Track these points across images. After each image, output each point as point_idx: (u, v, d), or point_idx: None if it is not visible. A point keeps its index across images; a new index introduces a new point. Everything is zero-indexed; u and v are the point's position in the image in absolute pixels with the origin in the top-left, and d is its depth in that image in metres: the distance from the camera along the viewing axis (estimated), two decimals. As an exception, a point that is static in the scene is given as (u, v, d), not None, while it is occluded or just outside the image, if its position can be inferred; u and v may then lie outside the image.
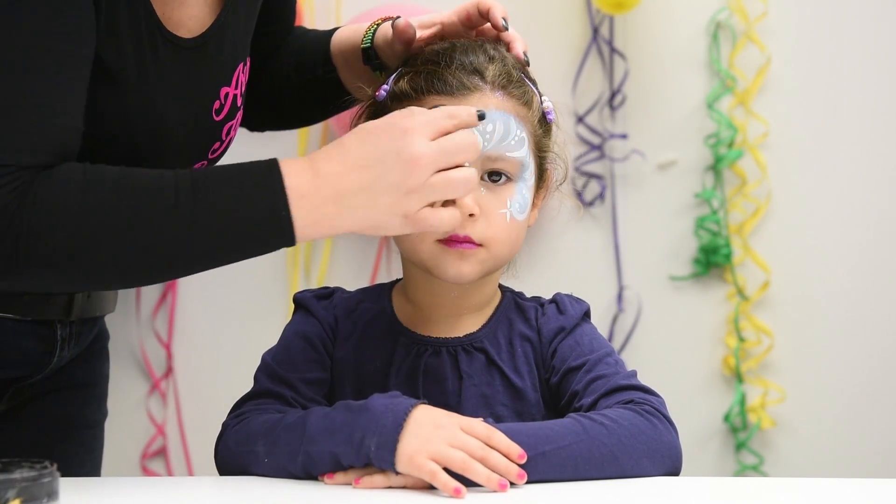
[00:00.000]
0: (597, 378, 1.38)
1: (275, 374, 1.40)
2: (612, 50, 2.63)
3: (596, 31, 2.63)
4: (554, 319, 1.45)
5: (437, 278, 1.40)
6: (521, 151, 1.39)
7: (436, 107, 1.30)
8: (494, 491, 1.19)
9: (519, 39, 1.47)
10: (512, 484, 1.22)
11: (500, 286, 1.51)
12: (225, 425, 1.36)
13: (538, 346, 1.44)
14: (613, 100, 2.64)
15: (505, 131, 1.38)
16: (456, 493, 1.18)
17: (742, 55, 2.62)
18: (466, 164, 1.27)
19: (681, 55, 2.64)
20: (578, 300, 1.49)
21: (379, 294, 1.49)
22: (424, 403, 1.25)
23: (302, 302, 1.49)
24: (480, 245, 1.38)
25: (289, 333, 1.46)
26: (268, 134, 2.68)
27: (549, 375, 1.43)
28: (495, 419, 1.38)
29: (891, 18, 2.63)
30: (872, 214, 2.64)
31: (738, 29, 2.63)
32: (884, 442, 2.64)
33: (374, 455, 1.21)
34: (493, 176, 1.39)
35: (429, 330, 1.44)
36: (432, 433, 1.21)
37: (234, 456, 1.32)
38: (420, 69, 1.42)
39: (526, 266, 1.55)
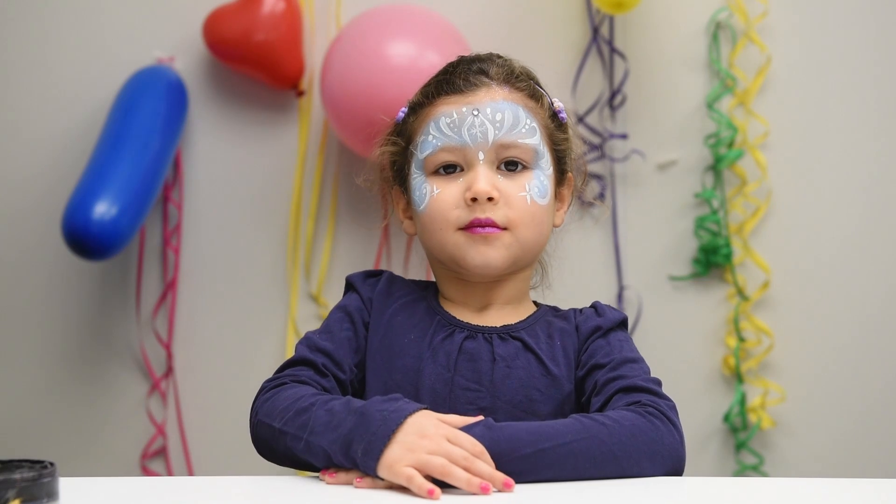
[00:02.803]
0: (617, 377, 1.40)
1: (312, 343, 1.45)
2: (612, 50, 2.63)
3: (596, 31, 2.63)
4: (592, 319, 1.49)
5: (464, 270, 1.44)
6: (533, 139, 1.45)
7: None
8: (476, 494, 1.19)
9: None
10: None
11: (535, 302, 1.55)
12: (262, 388, 1.41)
13: (576, 341, 1.47)
14: (613, 100, 2.64)
15: (514, 119, 1.44)
16: (430, 495, 1.18)
17: (742, 55, 2.62)
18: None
19: (681, 55, 2.64)
20: (616, 309, 1.54)
21: (426, 286, 1.55)
22: (424, 409, 1.26)
23: (350, 281, 1.55)
24: (504, 229, 1.43)
25: (332, 310, 1.52)
26: (265, 133, 2.69)
27: (577, 370, 1.45)
28: (529, 403, 1.41)
29: (891, 18, 2.63)
30: (872, 214, 2.64)
31: (738, 29, 2.63)
32: (884, 442, 2.63)
33: (359, 461, 1.24)
34: (510, 165, 1.44)
35: (466, 318, 1.49)
36: (416, 443, 1.22)
37: (260, 426, 1.36)
38: (431, 81, 1.51)
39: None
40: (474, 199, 1.41)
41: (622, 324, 1.51)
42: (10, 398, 2.74)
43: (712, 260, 2.61)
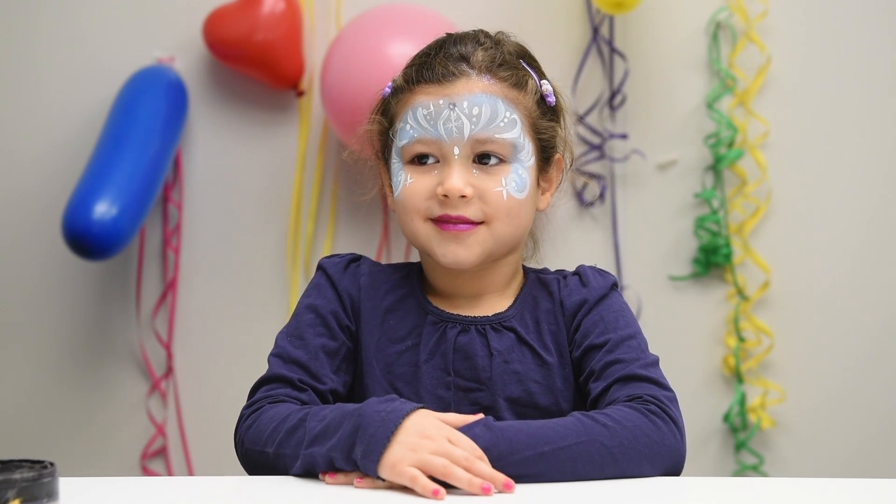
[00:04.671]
0: (615, 362, 1.39)
1: (285, 354, 1.42)
2: (612, 50, 2.63)
3: (596, 31, 2.63)
4: (576, 292, 1.46)
5: (436, 262, 1.42)
6: (511, 133, 1.41)
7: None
8: (477, 495, 1.19)
9: None
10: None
11: (524, 267, 1.52)
12: (241, 415, 1.38)
13: (561, 319, 1.45)
14: (613, 100, 2.64)
15: (493, 114, 1.40)
16: (434, 495, 1.18)
17: (742, 55, 2.62)
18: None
19: (681, 55, 2.64)
20: (603, 272, 1.50)
21: (408, 272, 1.51)
22: (422, 408, 1.26)
23: (324, 267, 1.49)
24: (480, 223, 1.40)
25: (300, 307, 1.48)
26: (265, 133, 2.69)
27: (572, 349, 1.44)
28: (528, 396, 1.40)
29: (891, 18, 2.63)
30: (872, 214, 2.64)
31: (738, 29, 2.63)
32: (884, 442, 2.63)
33: (360, 462, 1.23)
34: (484, 158, 1.40)
35: (456, 310, 1.46)
36: (418, 443, 1.21)
37: (249, 454, 1.34)
38: (415, 62, 1.47)
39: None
40: (446, 196, 1.39)
41: (612, 288, 1.47)
42: (10, 398, 2.74)
43: (712, 260, 2.61)
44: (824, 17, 2.63)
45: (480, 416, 1.27)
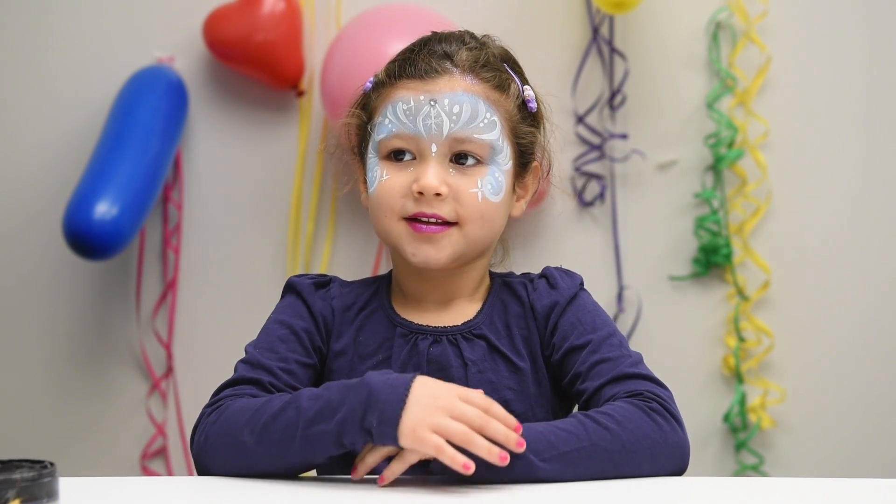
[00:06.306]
0: (601, 361, 1.38)
1: (255, 362, 1.40)
2: (612, 50, 2.63)
3: (596, 31, 2.63)
4: (546, 295, 1.45)
5: (407, 262, 1.41)
6: (491, 134, 1.39)
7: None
8: (495, 464, 1.19)
9: None
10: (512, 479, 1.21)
11: (489, 272, 1.51)
12: (203, 413, 1.34)
13: (532, 323, 1.44)
14: (613, 100, 2.64)
15: (473, 113, 1.39)
16: (465, 469, 1.17)
17: (742, 55, 2.62)
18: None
19: (681, 55, 2.64)
20: (569, 272, 1.48)
21: (377, 286, 1.49)
22: (421, 374, 1.24)
23: (296, 287, 1.48)
24: (453, 224, 1.39)
25: (271, 322, 1.46)
26: (265, 133, 2.69)
27: (549, 352, 1.43)
28: (503, 404, 1.38)
29: (891, 18, 2.63)
30: (872, 214, 2.64)
31: (738, 29, 2.63)
32: (884, 442, 2.63)
33: (376, 431, 1.20)
34: (461, 159, 1.39)
35: (426, 319, 1.45)
36: (432, 404, 1.20)
37: (215, 448, 1.30)
38: (398, 57, 1.45)
39: (525, 266, 1.55)
40: (421, 193, 1.37)
41: (580, 287, 1.47)
42: (10, 398, 2.74)
43: (712, 260, 2.62)
44: (824, 17, 2.63)
45: (480, 392, 1.25)
